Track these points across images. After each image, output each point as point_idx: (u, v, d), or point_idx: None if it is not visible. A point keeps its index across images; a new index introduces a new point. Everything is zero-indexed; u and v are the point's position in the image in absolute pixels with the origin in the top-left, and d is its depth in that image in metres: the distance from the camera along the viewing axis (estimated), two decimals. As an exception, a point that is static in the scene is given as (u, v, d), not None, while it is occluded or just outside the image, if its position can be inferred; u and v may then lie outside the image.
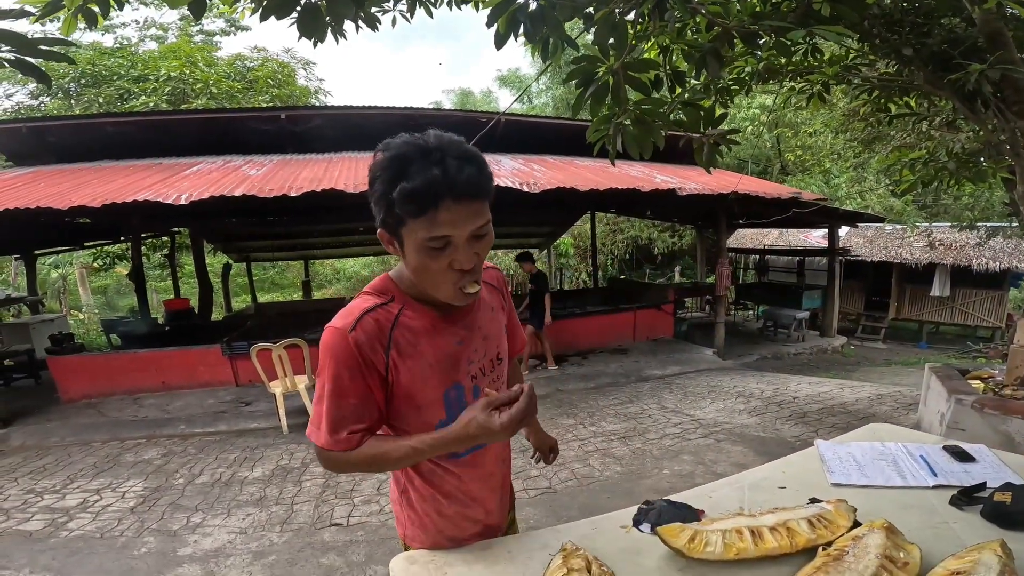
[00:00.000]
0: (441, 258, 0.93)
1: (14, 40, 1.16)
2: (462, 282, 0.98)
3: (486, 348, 1.18)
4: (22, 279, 11.10)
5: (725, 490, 1.41)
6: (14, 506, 3.80)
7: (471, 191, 0.90)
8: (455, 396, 1.12)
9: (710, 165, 2.27)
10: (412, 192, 0.87)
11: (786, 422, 4.84)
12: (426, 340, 1.07)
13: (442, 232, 0.90)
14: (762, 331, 9.74)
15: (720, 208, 7.47)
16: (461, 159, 0.90)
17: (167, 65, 12.82)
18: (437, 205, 0.87)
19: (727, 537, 1.07)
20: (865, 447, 1.55)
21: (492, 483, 1.29)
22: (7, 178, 6.18)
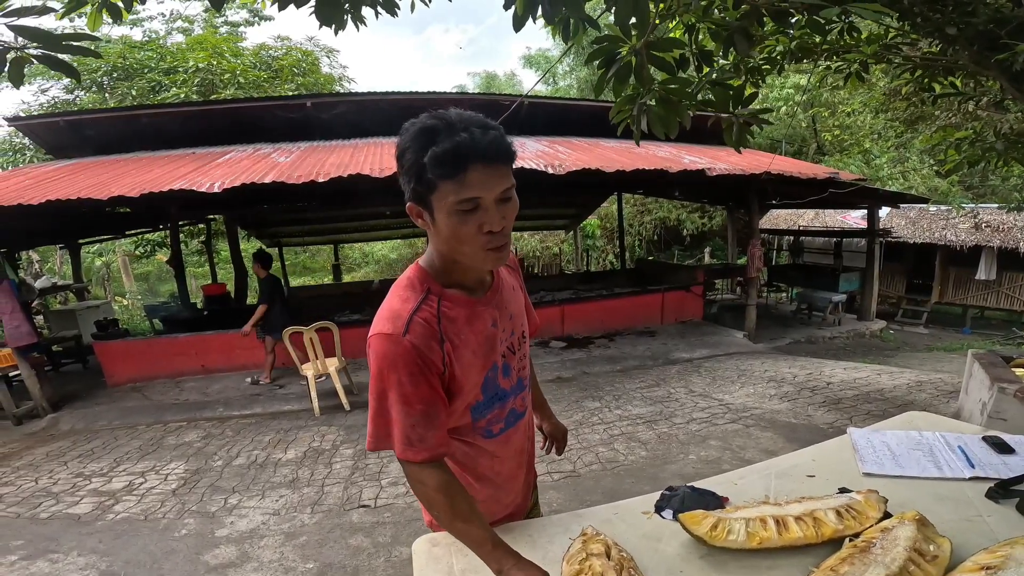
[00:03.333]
0: (471, 220, 0.95)
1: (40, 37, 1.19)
2: (492, 244, 0.98)
3: (513, 326, 1.22)
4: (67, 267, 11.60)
5: (751, 477, 1.40)
6: (63, 490, 3.95)
7: (497, 154, 0.94)
8: (492, 377, 1.16)
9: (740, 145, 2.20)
10: (443, 154, 0.91)
11: (819, 408, 4.73)
12: (468, 328, 1.10)
13: (472, 193, 0.93)
14: (795, 314, 9.49)
15: (752, 189, 7.26)
16: (483, 127, 0.94)
17: (195, 57, 13.06)
18: (466, 167, 0.91)
19: (751, 526, 1.06)
20: (901, 436, 1.50)
21: (522, 460, 1.33)
22: (49, 170, 6.43)
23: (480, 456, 1.22)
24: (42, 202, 4.72)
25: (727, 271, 10.89)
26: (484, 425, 1.19)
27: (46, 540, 3.21)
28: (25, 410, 5.67)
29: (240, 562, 2.89)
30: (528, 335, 1.32)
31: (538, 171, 5.70)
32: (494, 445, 1.22)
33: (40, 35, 1.17)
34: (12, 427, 5.50)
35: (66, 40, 1.21)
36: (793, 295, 10.85)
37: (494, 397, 1.19)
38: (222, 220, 10.84)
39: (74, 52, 1.25)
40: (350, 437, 4.64)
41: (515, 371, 1.23)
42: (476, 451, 1.21)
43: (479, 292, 1.15)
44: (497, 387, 1.18)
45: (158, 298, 14.70)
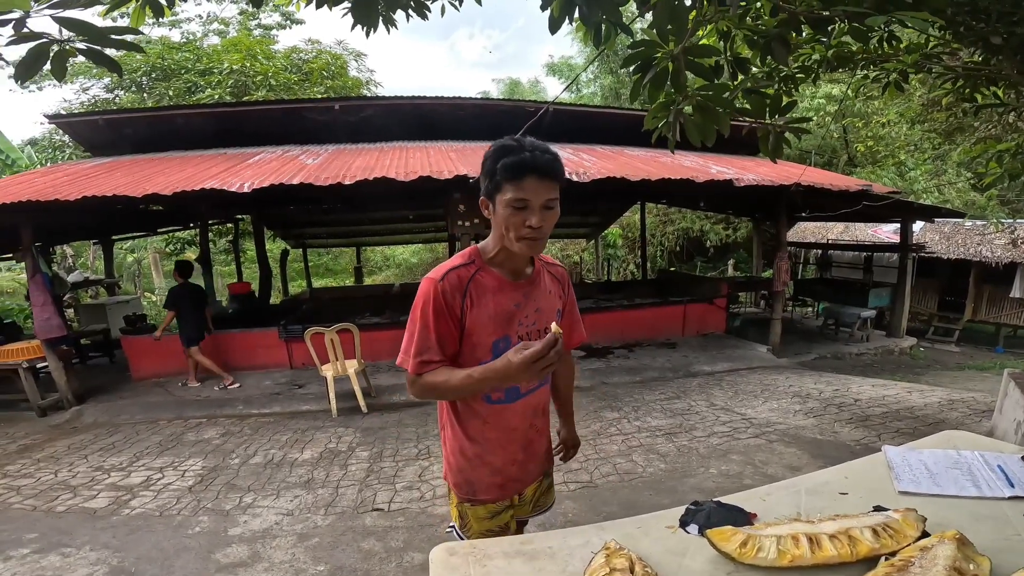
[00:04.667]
0: (520, 215, 1.28)
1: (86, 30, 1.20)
2: (529, 235, 1.29)
3: (537, 318, 1.46)
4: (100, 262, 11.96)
5: (780, 494, 1.36)
6: (82, 483, 3.96)
7: (546, 170, 1.27)
8: (503, 347, 1.37)
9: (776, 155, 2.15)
10: (509, 165, 1.26)
11: (845, 425, 4.60)
12: (491, 296, 1.39)
13: (524, 195, 1.26)
14: (822, 329, 9.27)
15: (781, 200, 7.12)
16: (543, 152, 1.28)
17: (229, 58, 13.38)
18: (523, 176, 1.25)
19: (782, 543, 1.02)
20: (939, 455, 1.46)
21: (513, 436, 1.52)
22: (86, 167, 6.63)
23: (473, 418, 1.48)
24: (78, 198, 4.86)
25: (751, 284, 10.69)
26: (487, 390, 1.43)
27: (60, 534, 3.24)
28: (50, 402, 5.78)
29: (251, 562, 2.88)
30: None
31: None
32: (488, 410, 1.47)
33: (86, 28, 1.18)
34: (36, 418, 5.61)
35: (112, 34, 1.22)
36: (820, 310, 10.60)
37: None
38: (250, 220, 11.06)
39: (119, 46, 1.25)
40: (366, 439, 4.65)
41: None
42: (471, 414, 1.48)
43: (515, 278, 1.43)
44: None
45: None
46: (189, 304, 6.15)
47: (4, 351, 5.70)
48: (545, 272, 1.53)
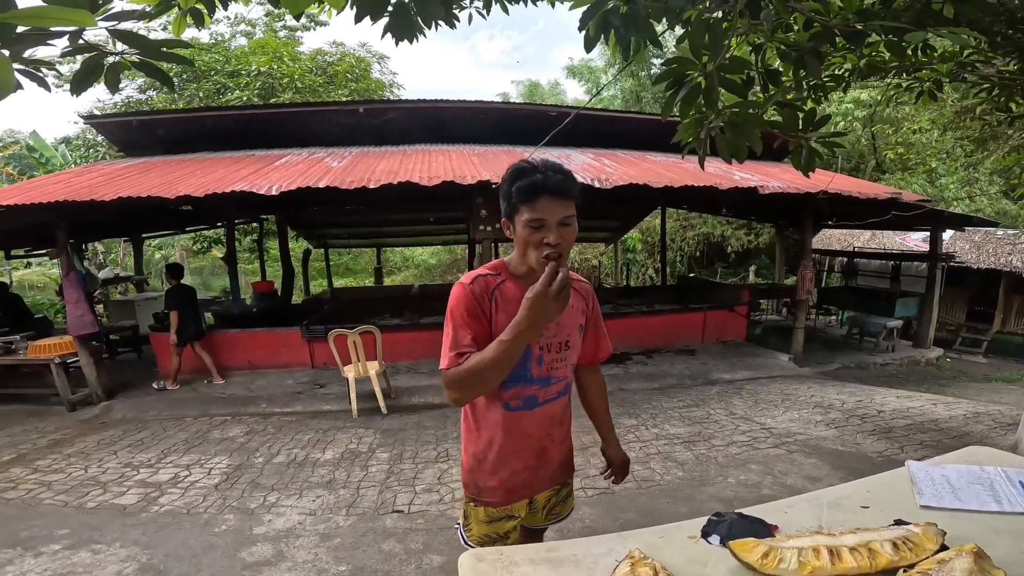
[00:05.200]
0: (537, 234, 1.34)
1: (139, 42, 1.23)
2: (547, 252, 1.33)
3: (557, 331, 1.49)
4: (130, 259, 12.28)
5: (802, 506, 1.37)
6: (111, 479, 4.02)
7: (559, 190, 1.33)
8: (523, 357, 1.42)
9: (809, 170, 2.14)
10: (523, 187, 1.33)
11: (868, 437, 4.54)
12: (513, 306, 1.39)
13: (539, 215, 1.32)
14: (846, 339, 9.10)
15: (807, 207, 7.03)
16: (555, 172, 1.35)
17: (257, 60, 13.63)
18: (537, 197, 1.32)
19: (803, 555, 1.04)
20: (962, 470, 1.46)
21: (528, 443, 1.55)
22: (120, 168, 6.85)
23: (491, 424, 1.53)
24: (114, 199, 5.02)
25: (773, 291, 10.55)
26: (507, 396, 1.49)
27: (90, 530, 3.27)
28: (80, 397, 5.92)
29: (275, 561, 2.92)
30: (575, 348, 1.57)
31: (585, 184, 5.69)
32: (506, 418, 1.51)
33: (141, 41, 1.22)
34: (66, 413, 5.73)
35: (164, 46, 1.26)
36: (844, 319, 10.41)
37: (520, 376, 1.47)
38: (274, 220, 11.27)
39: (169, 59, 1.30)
40: (386, 441, 4.70)
41: (548, 366, 1.50)
42: (489, 418, 1.53)
43: None
44: (526, 368, 1.47)
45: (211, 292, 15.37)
46: (185, 305, 6.31)
47: (36, 346, 5.84)
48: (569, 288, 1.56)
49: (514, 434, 1.53)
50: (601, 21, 1.82)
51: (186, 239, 14.63)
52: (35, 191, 5.50)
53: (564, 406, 1.63)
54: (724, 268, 16.17)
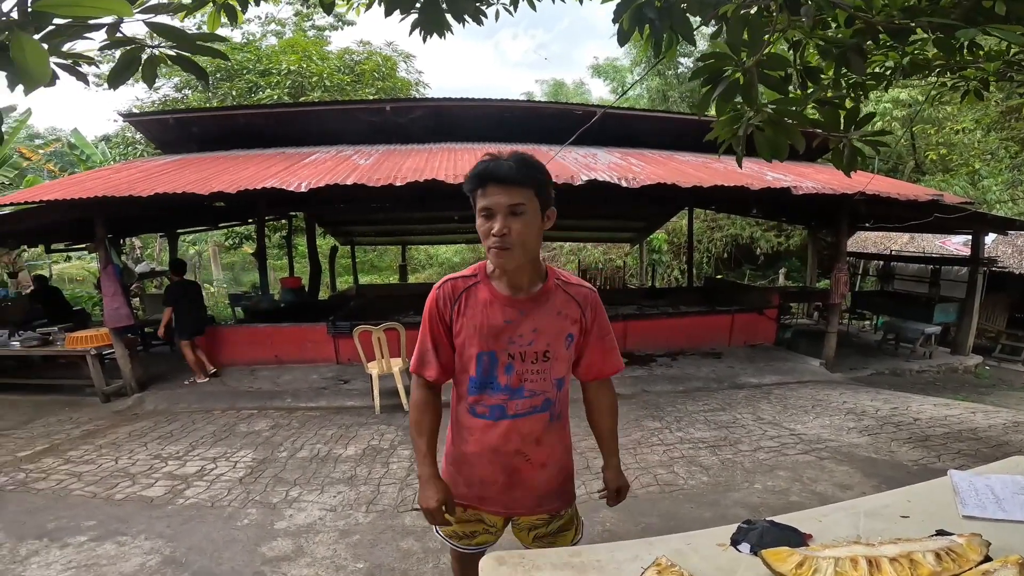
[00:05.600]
0: (486, 224, 1.30)
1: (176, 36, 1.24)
2: (494, 244, 1.29)
3: (535, 338, 1.40)
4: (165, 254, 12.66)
5: (837, 515, 1.33)
6: (140, 471, 4.08)
7: (507, 177, 1.27)
8: (487, 361, 1.40)
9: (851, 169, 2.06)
10: (473, 175, 1.31)
11: (903, 445, 4.38)
12: (481, 310, 1.40)
13: (486, 204, 1.29)
14: (881, 344, 8.81)
15: (842, 209, 6.81)
16: (509, 159, 1.29)
17: (287, 59, 13.89)
18: (485, 184, 1.28)
19: (839, 565, 1.00)
20: (1006, 480, 1.42)
21: (493, 458, 1.47)
22: (157, 165, 7.04)
23: (460, 426, 1.51)
24: (151, 195, 5.17)
25: (805, 295, 10.27)
26: (473, 401, 1.45)
27: (117, 522, 3.30)
28: (114, 388, 6.08)
29: (295, 556, 2.93)
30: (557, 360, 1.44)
31: (611, 184, 5.62)
32: (473, 424, 1.47)
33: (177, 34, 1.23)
34: (100, 404, 5.89)
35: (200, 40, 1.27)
36: (879, 324, 10.08)
37: (486, 382, 1.42)
38: (302, 217, 11.46)
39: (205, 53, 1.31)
40: (407, 438, 4.70)
41: (519, 376, 1.41)
42: (459, 420, 1.51)
43: (515, 293, 1.41)
44: (492, 376, 1.41)
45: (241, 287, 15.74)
46: (185, 300, 6.42)
47: (74, 338, 6.02)
48: (560, 292, 1.45)
49: (481, 443, 1.46)
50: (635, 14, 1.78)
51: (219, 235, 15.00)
52: (75, 187, 5.70)
53: (543, 425, 1.48)
54: (752, 270, 15.83)
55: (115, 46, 1.23)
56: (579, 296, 1.47)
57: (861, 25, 1.78)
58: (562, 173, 5.67)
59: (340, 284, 14.53)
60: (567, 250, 17.98)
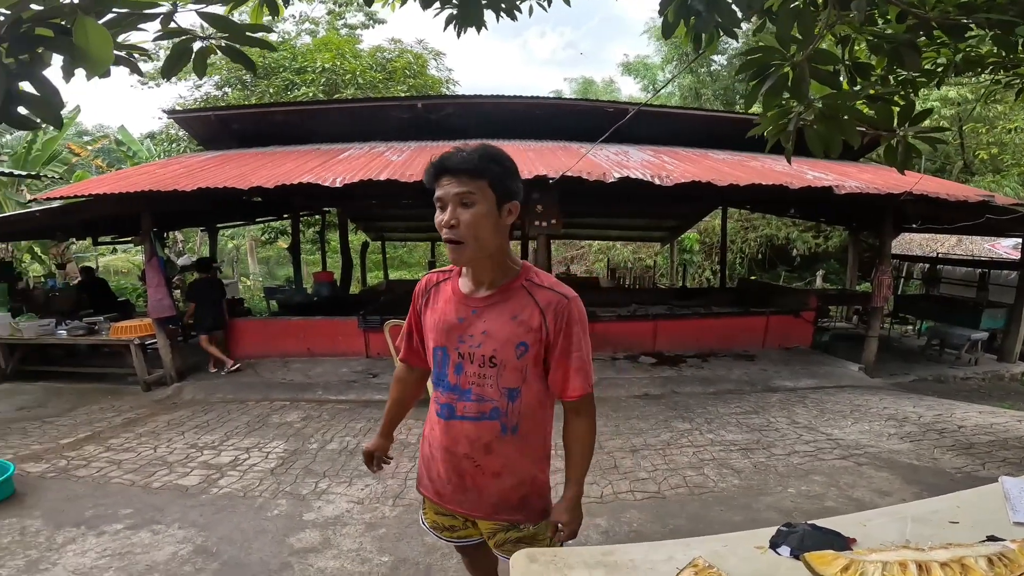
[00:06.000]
0: (439, 215, 1.27)
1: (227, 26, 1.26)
2: (445, 236, 1.26)
3: (484, 341, 1.33)
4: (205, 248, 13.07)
5: (882, 520, 1.29)
6: (177, 460, 4.17)
7: (457, 167, 1.24)
8: (440, 356, 1.40)
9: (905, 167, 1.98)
10: (427, 169, 1.29)
11: (946, 452, 4.23)
12: (442, 304, 1.41)
13: (438, 195, 1.27)
14: (924, 350, 8.46)
15: (887, 210, 6.56)
16: (469, 151, 1.26)
17: (321, 57, 14.15)
18: (439, 176, 1.26)
19: (887, 569, 0.97)
20: None
21: (445, 457, 1.43)
22: (200, 160, 7.27)
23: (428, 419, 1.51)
24: (194, 189, 5.34)
25: (844, 297, 9.95)
26: (434, 396, 1.45)
27: (153, 510, 3.36)
28: (155, 377, 6.28)
29: (322, 548, 2.95)
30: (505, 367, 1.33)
31: (644, 181, 5.54)
32: (432, 418, 1.47)
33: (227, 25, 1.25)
34: (141, 392, 6.09)
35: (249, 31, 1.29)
36: (923, 329, 9.69)
37: (440, 378, 1.41)
38: (335, 212, 11.68)
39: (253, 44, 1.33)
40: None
41: (467, 377, 1.35)
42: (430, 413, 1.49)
43: (474, 291, 1.37)
44: (444, 372, 1.39)
45: (275, 281, 16.15)
46: (206, 297, 6.64)
47: (119, 328, 6.24)
48: (522, 295, 1.33)
49: (436, 440, 1.45)
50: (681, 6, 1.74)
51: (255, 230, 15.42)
52: (123, 181, 5.93)
53: (494, 434, 1.37)
54: (788, 272, 15.40)
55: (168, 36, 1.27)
56: (545, 302, 1.32)
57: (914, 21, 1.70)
58: (594, 170, 5.62)
59: (370, 279, 14.76)
60: (596, 248, 17.84)
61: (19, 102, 0.91)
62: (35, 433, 4.85)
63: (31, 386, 6.37)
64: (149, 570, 2.72)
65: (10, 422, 5.17)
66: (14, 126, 0.98)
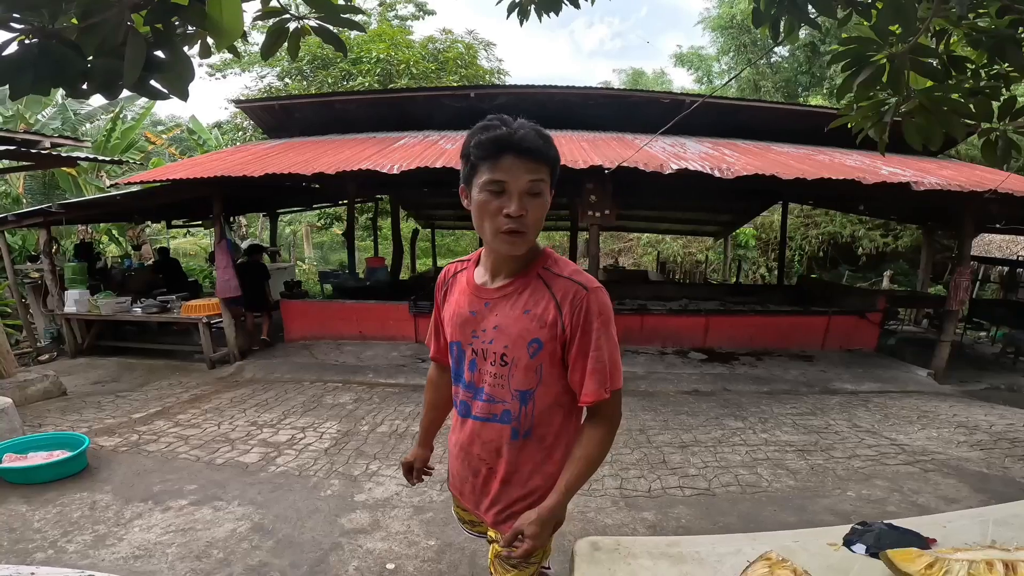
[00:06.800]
0: (495, 201, 1.09)
1: (322, 5, 1.28)
2: (507, 226, 1.09)
3: (496, 336, 1.20)
4: (266, 232, 13.67)
5: (963, 522, 1.26)
6: (239, 437, 4.28)
7: (528, 149, 1.08)
8: (457, 352, 1.30)
9: (1004, 163, 1.87)
10: (485, 141, 1.09)
11: (1018, 462, 3.99)
12: (457, 296, 1.31)
13: (499, 176, 1.08)
14: (998, 357, 7.91)
15: (968, 209, 6.13)
16: (530, 130, 1.10)
17: (376, 48, 14.42)
18: (499, 154, 1.07)
19: (973, 568, 0.94)
20: None
21: (462, 454, 1.36)
22: (266, 148, 7.60)
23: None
24: (262, 175, 5.59)
25: (914, 300, 9.40)
26: (454, 391, 1.36)
27: (216, 487, 3.44)
28: (219, 355, 6.62)
29: (371, 529, 2.98)
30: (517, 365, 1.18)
31: (704, 174, 5.39)
32: (454, 414, 1.40)
33: (322, 4, 1.27)
34: (206, 370, 6.40)
35: (343, 11, 1.31)
36: (998, 336, 9.04)
37: (457, 374, 1.32)
38: (387, 200, 11.95)
39: (345, 25, 1.36)
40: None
41: (481, 374, 1.24)
42: None
43: (489, 282, 1.25)
44: (460, 368, 1.29)
45: (329, 266, 16.72)
46: (247, 279, 7.01)
47: (190, 307, 6.62)
48: (538, 286, 1.18)
49: (455, 437, 1.39)
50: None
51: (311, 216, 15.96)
52: (198, 167, 6.29)
53: (505, 438, 1.24)
54: (852, 271, 14.61)
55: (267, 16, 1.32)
56: (562, 293, 1.16)
57: (1017, 16, 1.59)
58: (651, 162, 5.52)
59: (419, 266, 15.05)
60: (645, 241, 17.50)
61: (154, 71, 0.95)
62: (109, 407, 5.10)
63: (105, 360, 6.79)
64: (209, 546, 2.79)
65: (86, 395, 5.49)
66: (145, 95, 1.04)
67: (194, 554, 2.73)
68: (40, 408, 4.99)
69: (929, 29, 1.95)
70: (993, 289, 11.35)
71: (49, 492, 3.32)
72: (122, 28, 0.88)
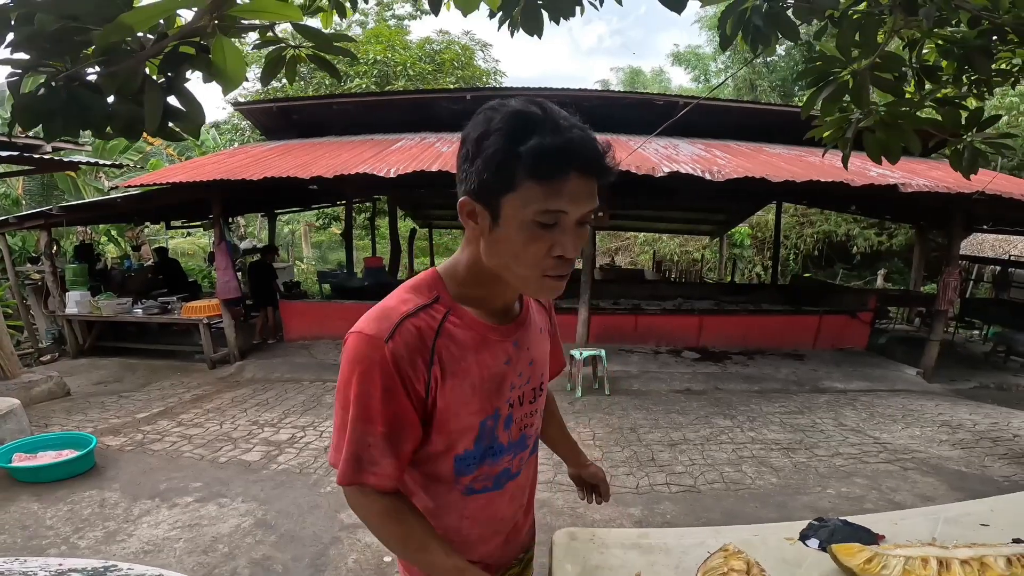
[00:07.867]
0: (546, 238, 0.77)
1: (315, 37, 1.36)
2: (556, 270, 0.80)
3: (531, 373, 0.99)
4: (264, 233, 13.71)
5: (915, 519, 1.34)
6: (241, 436, 4.39)
7: (598, 169, 0.77)
8: (491, 426, 0.94)
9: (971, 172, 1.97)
10: (549, 149, 0.73)
11: (997, 460, 4.12)
12: (473, 356, 0.89)
13: (561, 205, 0.75)
14: (988, 356, 8.03)
15: (957, 209, 6.25)
16: (588, 132, 0.78)
17: (373, 49, 14.44)
18: (567, 172, 0.74)
19: (908, 564, 1.03)
20: None
21: (499, 528, 1.06)
22: (264, 150, 7.67)
23: (447, 514, 0.98)
24: (261, 178, 5.67)
25: (907, 299, 9.51)
26: (467, 481, 0.96)
27: (220, 484, 3.54)
28: (220, 356, 6.69)
29: None
30: (546, 389, 1.09)
31: (694, 177, 5.49)
32: (470, 505, 0.99)
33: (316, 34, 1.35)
34: (207, 370, 6.47)
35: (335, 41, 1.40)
36: (990, 334, 9.16)
37: (488, 451, 0.96)
38: (385, 200, 12.02)
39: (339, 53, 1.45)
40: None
41: (518, 425, 0.99)
42: (443, 507, 0.98)
43: (501, 319, 0.95)
44: (495, 440, 0.95)
45: (327, 265, 16.78)
46: (255, 278, 7.66)
47: (190, 307, 6.67)
48: (531, 301, 1.05)
49: (480, 520, 1.01)
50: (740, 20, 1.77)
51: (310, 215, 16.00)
52: (197, 170, 6.37)
53: (535, 466, 1.16)
54: (846, 270, 14.74)
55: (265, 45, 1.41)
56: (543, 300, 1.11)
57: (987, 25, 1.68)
58: (643, 164, 5.61)
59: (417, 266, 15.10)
60: (641, 240, 17.61)
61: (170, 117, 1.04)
62: (112, 407, 5.20)
63: (106, 361, 6.86)
64: (215, 541, 2.89)
65: (89, 396, 5.58)
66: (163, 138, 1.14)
67: (201, 549, 2.83)
68: (45, 408, 5.08)
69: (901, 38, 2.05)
70: (986, 288, 11.48)
71: (59, 490, 3.42)
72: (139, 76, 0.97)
